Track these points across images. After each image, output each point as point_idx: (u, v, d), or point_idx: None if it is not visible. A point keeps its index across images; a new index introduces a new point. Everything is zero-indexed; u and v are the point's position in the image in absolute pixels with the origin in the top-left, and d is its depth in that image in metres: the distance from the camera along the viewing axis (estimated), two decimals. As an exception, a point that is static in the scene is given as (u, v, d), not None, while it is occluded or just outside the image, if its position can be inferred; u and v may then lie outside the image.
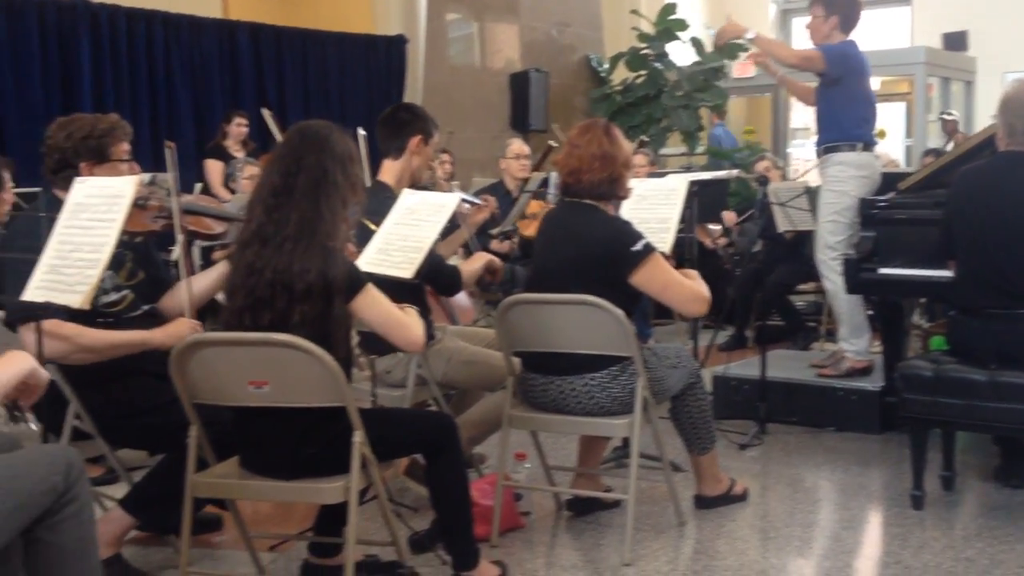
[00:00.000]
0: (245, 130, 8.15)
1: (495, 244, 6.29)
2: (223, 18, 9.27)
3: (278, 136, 3.77)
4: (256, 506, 3.77)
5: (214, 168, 7.73)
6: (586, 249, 3.39)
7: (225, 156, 7.83)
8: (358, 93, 9.97)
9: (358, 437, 2.72)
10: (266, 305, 2.69)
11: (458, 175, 8.19)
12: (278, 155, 2.84)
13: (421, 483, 3.68)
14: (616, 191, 3.51)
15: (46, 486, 2.19)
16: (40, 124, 8.48)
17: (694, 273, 3.55)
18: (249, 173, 6.86)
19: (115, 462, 3.21)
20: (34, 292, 2.71)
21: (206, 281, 3.32)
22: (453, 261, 4.14)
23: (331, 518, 3.15)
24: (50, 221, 2.83)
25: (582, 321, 3.30)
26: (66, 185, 3.13)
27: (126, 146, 3.24)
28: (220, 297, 3.05)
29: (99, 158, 3.15)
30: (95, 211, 2.76)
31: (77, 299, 2.64)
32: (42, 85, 7.89)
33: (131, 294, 3.18)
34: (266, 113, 4.18)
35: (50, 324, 2.80)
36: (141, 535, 3.44)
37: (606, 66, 10.74)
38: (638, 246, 3.35)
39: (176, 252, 3.88)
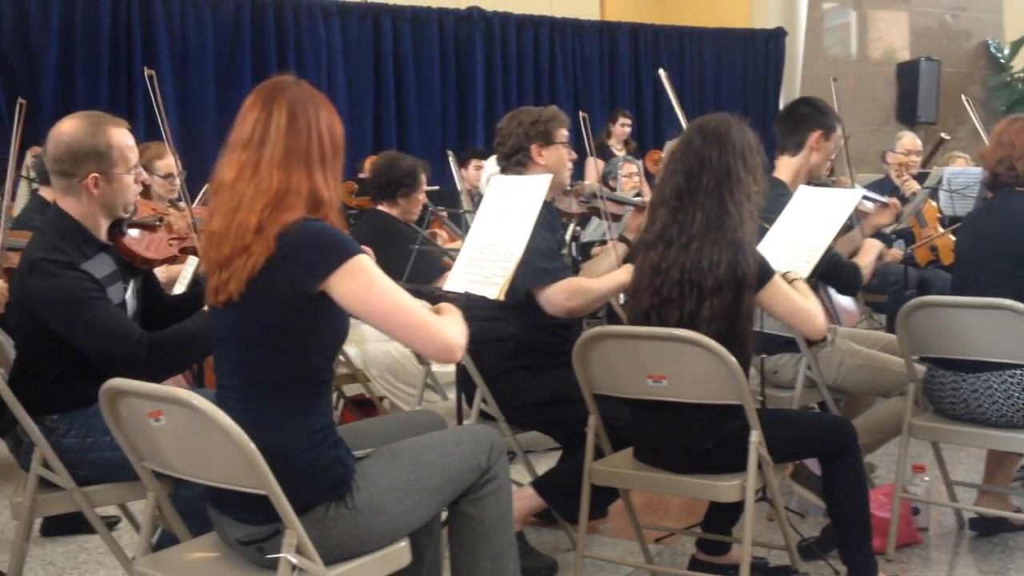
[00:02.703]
0: (628, 129, 8.32)
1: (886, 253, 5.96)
2: (603, 20, 9.53)
3: None
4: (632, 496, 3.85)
5: (594, 166, 7.97)
6: None
7: (607, 154, 8.03)
8: (734, 88, 9.92)
9: (755, 437, 2.69)
10: (674, 304, 2.74)
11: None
12: (679, 155, 2.86)
13: (807, 488, 3.58)
14: None
15: (472, 463, 2.36)
16: (437, 127, 9.20)
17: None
18: (627, 171, 7.00)
19: (515, 444, 3.40)
20: (455, 283, 2.92)
21: (610, 260, 3.51)
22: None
23: (720, 516, 3.15)
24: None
25: (999, 326, 3.05)
26: (520, 170, 3.37)
27: (565, 132, 3.47)
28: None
29: (546, 140, 3.38)
30: (511, 208, 2.92)
31: (493, 291, 2.81)
32: (440, 90, 8.51)
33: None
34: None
35: (574, 283, 3.17)
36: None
37: (1007, 52, 9.90)
38: None
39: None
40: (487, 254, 2.91)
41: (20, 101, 3.84)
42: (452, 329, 2.20)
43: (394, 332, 2.17)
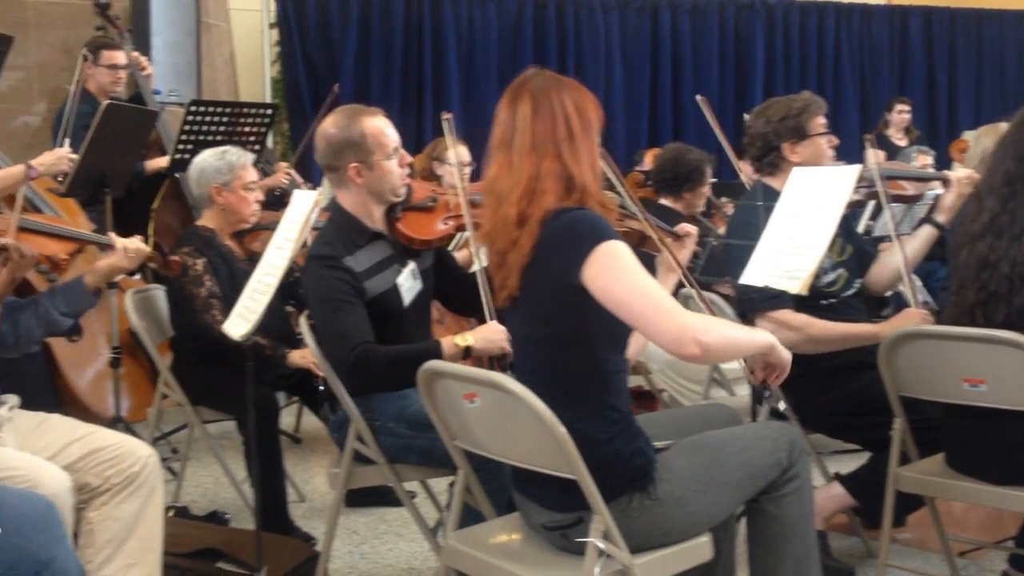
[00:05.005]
0: (907, 116, 7.91)
1: None
2: (894, 3, 9.09)
3: None
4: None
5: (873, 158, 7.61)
6: None
7: (887, 145, 7.64)
8: (1040, 74, 9.20)
9: (1087, 450, 2.47)
10: (1001, 300, 2.54)
11: None
12: (1011, 138, 2.65)
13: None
14: None
15: (772, 460, 2.30)
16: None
17: None
18: (922, 162, 6.62)
19: (808, 445, 3.29)
20: (753, 277, 2.85)
21: (915, 246, 3.27)
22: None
23: (1037, 532, 2.93)
24: (767, 209, 2.95)
25: None
26: (773, 171, 3.27)
27: (822, 119, 3.28)
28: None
29: (798, 136, 3.22)
30: (814, 200, 2.82)
31: (796, 285, 2.71)
32: (718, 83, 8.40)
33: (844, 272, 3.23)
34: None
35: (782, 315, 2.98)
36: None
37: None
38: None
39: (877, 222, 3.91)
40: (788, 248, 2.82)
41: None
42: (699, 322, 1.99)
43: (632, 321, 2.02)
